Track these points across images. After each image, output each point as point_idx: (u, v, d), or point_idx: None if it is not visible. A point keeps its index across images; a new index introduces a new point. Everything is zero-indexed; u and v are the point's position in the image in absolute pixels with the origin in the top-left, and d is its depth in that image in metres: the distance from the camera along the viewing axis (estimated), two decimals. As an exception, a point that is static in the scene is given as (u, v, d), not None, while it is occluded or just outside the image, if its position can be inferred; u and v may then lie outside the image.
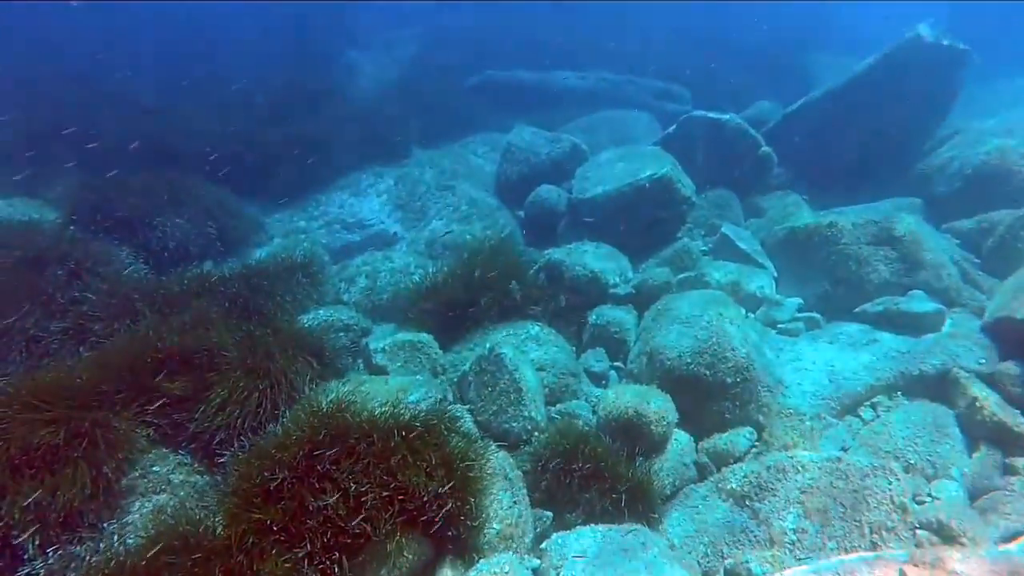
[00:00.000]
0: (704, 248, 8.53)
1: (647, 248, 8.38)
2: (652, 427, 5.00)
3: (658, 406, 5.09)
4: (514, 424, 5.49)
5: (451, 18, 18.39)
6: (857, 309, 6.57)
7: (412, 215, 10.12)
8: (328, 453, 4.20)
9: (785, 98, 14.07)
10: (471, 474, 4.46)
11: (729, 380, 5.38)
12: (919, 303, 6.09)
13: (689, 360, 5.55)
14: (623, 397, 5.15)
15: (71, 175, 9.08)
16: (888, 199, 8.77)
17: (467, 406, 5.81)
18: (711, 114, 9.40)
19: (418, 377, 6.00)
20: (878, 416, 5.27)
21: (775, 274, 7.56)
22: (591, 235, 8.62)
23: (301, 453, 4.33)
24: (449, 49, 16.49)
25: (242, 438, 5.17)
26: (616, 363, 6.67)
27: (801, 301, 7.08)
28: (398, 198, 10.41)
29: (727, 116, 9.34)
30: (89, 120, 10.49)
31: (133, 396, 4.91)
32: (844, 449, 4.88)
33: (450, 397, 5.98)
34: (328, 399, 5.36)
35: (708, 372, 5.44)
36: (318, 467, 4.17)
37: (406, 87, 14.00)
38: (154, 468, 4.80)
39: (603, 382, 6.49)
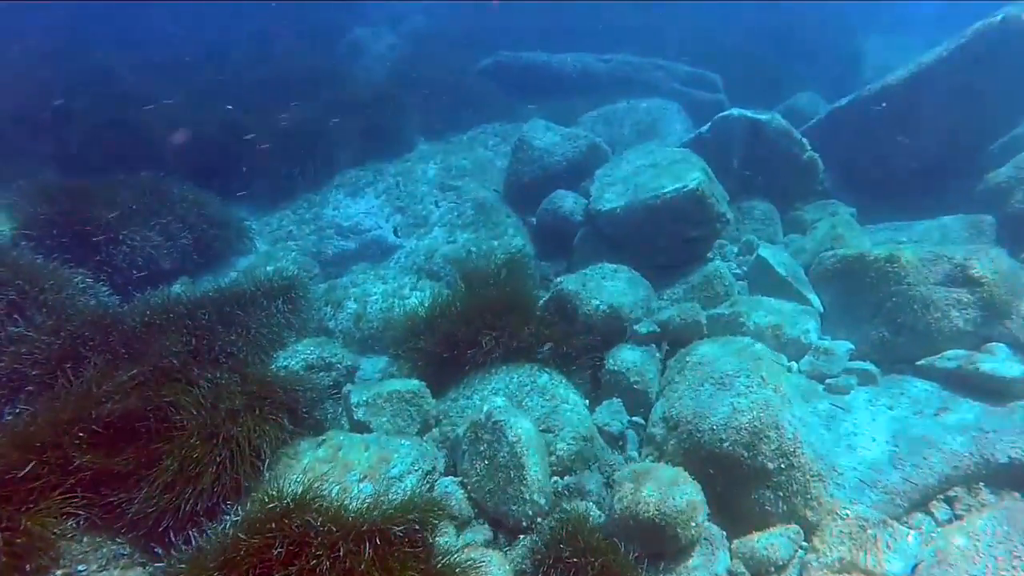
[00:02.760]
0: (738, 271, 7.52)
1: (673, 268, 7.39)
2: (679, 531, 4.12)
3: (686, 502, 4.20)
4: (513, 507, 4.65)
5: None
6: (922, 362, 5.58)
7: (412, 219, 9.20)
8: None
9: (829, 86, 12.85)
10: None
11: (771, 466, 4.47)
12: (1005, 365, 5.08)
13: (723, 436, 4.64)
14: (643, 490, 4.26)
15: (33, 170, 8.28)
16: (952, 215, 7.63)
17: (459, 478, 4.98)
18: (749, 113, 8.27)
19: (403, 442, 5.15)
20: (956, 517, 4.34)
21: (821, 309, 6.55)
22: (610, 251, 7.67)
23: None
24: (459, 25, 15.29)
25: (195, 520, 4.43)
26: (635, 417, 5.77)
27: (852, 346, 6.08)
28: (398, 199, 9.49)
29: (768, 116, 8.20)
30: (62, 105, 9.66)
31: (58, 479, 4.13)
32: (916, 568, 3.97)
33: (440, 466, 5.16)
34: (293, 484, 4.57)
35: (746, 454, 4.53)
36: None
37: (412, 69, 12.90)
38: (80, 568, 4.04)
39: (620, 443, 5.60)
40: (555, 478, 5.10)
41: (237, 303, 6.38)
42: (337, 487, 4.71)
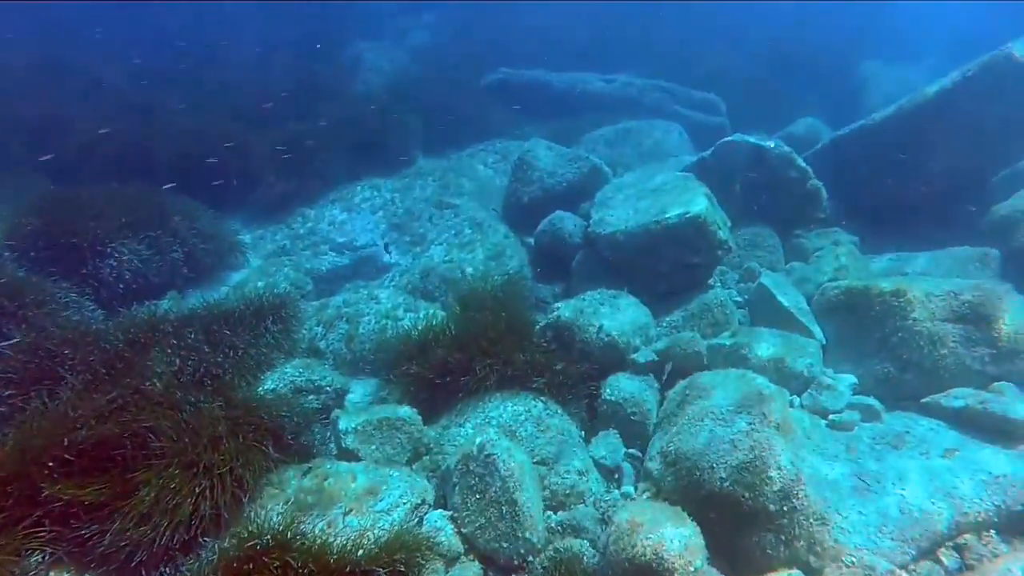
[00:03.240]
0: (739, 299, 7.38)
1: (673, 295, 7.23)
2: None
3: (684, 546, 4.00)
4: (505, 545, 4.46)
5: (469, 7, 17.07)
6: (927, 400, 5.42)
7: (409, 237, 9.05)
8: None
9: (831, 111, 12.82)
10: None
11: (773, 508, 4.29)
12: (1015, 406, 4.92)
13: (723, 475, 4.46)
14: (639, 532, 4.07)
15: (26, 180, 8.12)
16: (957, 248, 7.51)
17: (450, 512, 4.78)
18: (753, 139, 8.17)
19: (392, 473, 4.96)
20: (967, 567, 4.17)
21: (824, 341, 6.40)
22: (609, 274, 7.53)
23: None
24: (464, 41, 15.26)
25: (170, 556, 4.24)
26: (632, 449, 5.60)
27: (855, 381, 5.93)
28: (395, 216, 9.34)
29: (772, 143, 8.10)
30: (59, 114, 9.52)
31: (24, 512, 3.93)
32: (925, 621, 3.79)
33: (430, 497, 4.96)
34: (276, 516, 4.38)
35: (747, 494, 4.35)
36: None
37: (413, 84, 12.82)
38: (44, 607, 3.83)
39: (616, 476, 5.42)
40: (548, 513, 4.92)
41: (225, 322, 6.21)
42: (322, 521, 4.52)
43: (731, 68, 13.73)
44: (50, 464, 4.06)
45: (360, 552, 3.91)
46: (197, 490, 4.41)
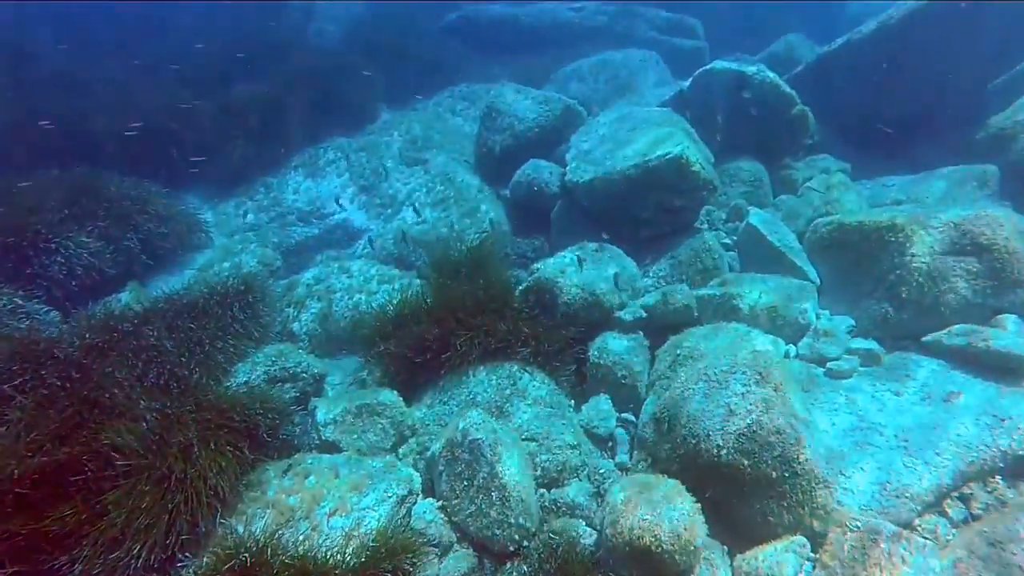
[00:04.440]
0: (727, 240, 7.05)
1: (659, 240, 6.90)
2: (676, 557, 3.78)
3: (683, 525, 3.83)
4: (497, 532, 4.29)
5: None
6: (928, 338, 5.19)
7: (379, 200, 8.58)
8: None
9: (814, 29, 12.09)
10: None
11: (774, 475, 4.11)
12: (1019, 341, 4.69)
13: (721, 443, 4.26)
14: (636, 513, 3.89)
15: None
16: (953, 167, 7.16)
17: (439, 501, 4.60)
18: (734, 66, 7.64)
19: (376, 464, 4.74)
20: (973, 517, 4.04)
21: (818, 282, 6.13)
22: (590, 224, 7.17)
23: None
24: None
25: (147, 576, 4.04)
26: (625, 414, 5.40)
27: (852, 322, 5.70)
28: (362, 177, 8.84)
29: (754, 68, 7.57)
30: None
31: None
32: (934, 580, 3.67)
33: (417, 485, 4.76)
34: (258, 522, 4.18)
35: (747, 462, 4.16)
36: None
37: (370, 31, 11.95)
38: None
39: (610, 444, 5.24)
40: (541, 490, 4.74)
41: (188, 315, 5.85)
42: (306, 523, 4.34)
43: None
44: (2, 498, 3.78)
45: (348, 561, 3.72)
46: (170, 506, 4.18)
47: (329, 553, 3.88)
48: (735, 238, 7.01)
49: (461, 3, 12.41)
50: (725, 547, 4.19)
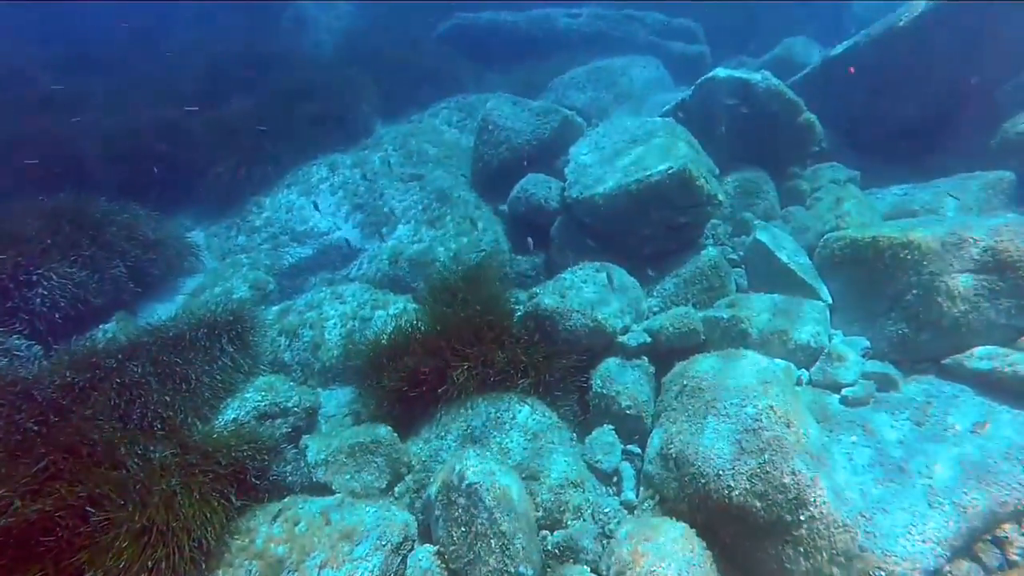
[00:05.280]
0: (734, 255, 6.78)
1: (663, 257, 6.65)
2: (688, 613, 3.53)
3: (692, 574, 3.58)
4: (497, 583, 4.04)
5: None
6: (948, 361, 4.94)
7: (374, 217, 8.33)
8: None
9: (817, 29, 11.81)
10: None
11: (789, 518, 3.86)
12: (1046, 368, 4.43)
13: (732, 484, 4.01)
14: (643, 562, 3.64)
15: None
16: (966, 175, 6.88)
17: (436, 547, 4.35)
18: (737, 73, 7.39)
19: (369, 509, 4.50)
20: (1010, 563, 3.77)
21: (830, 301, 5.86)
22: (590, 241, 6.93)
23: None
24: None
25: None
26: (630, 446, 5.14)
27: (867, 343, 5.43)
28: (356, 195, 8.61)
29: (758, 76, 7.31)
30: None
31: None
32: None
33: (412, 531, 4.52)
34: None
35: (759, 504, 3.91)
36: None
37: (364, 41, 11.73)
38: None
39: (614, 479, 4.99)
40: (543, 532, 4.50)
41: (175, 349, 5.63)
42: (295, 577, 4.11)
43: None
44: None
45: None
46: (151, 563, 3.95)
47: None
48: (742, 253, 6.76)
49: (456, 3, 12.12)
50: (739, 597, 3.95)
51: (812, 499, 3.84)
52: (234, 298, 7.03)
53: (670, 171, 6.23)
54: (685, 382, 4.90)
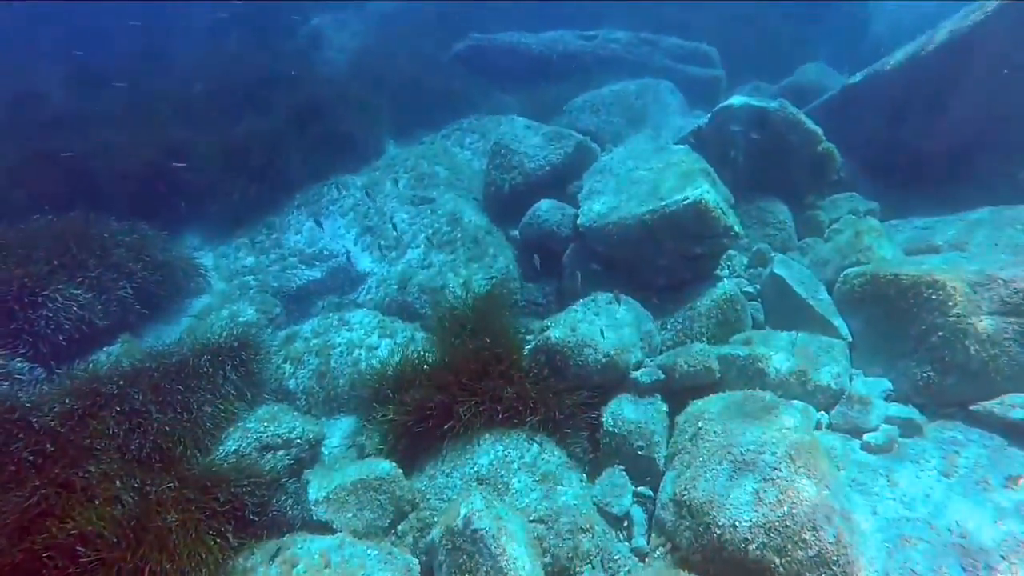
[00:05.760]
0: (750, 288, 6.61)
1: (678, 289, 6.48)
2: None
3: (710, 638, 3.40)
4: (502, 634, 3.86)
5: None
6: (977, 408, 4.73)
7: (384, 241, 8.24)
8: None
9: (838, 56, 11.69)
10: None
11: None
12: (1082, 420, 4.22)
13: (748, 537, 3.82)
14: (657, 625, 3.46)
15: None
16: (992, 208, 6.68)
17: (438, 594, 4.19)
18: (754, 101, 7.26)
19: (370, 552, 4.34)
20: (1042, 634, 3.55)
21: (849, 338, 5.67)
22: (603, 269, 6.79)
23: None
24: (430, 3, 14.00)
25: None
26: (641, 488, 4.96)
27: (889, 385, 5.23)
28: (366, 217, 8.53)
29: (775, 104, 7.19)
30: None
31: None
32: None
33: (416, 574, 4.35)
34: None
35: (778, 560, 3.72)
36: None
37: (379, 61, 11.73)
38: None
39: (625, 524, 4.80)
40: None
41: (177, 375, 5.52)
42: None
43: (726, 10, 12.49)
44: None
45: None
46: (143, 605, 3.81)
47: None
48: (758, 286, 6.58)
49: (471, 30, 12.10)
50: (757, 660, 3.74)
51: (836, 558, 3.64)
52: (240, 321, 6.94)
53: (686, 201, 6.09)
54: (700, 424, 4.72)
